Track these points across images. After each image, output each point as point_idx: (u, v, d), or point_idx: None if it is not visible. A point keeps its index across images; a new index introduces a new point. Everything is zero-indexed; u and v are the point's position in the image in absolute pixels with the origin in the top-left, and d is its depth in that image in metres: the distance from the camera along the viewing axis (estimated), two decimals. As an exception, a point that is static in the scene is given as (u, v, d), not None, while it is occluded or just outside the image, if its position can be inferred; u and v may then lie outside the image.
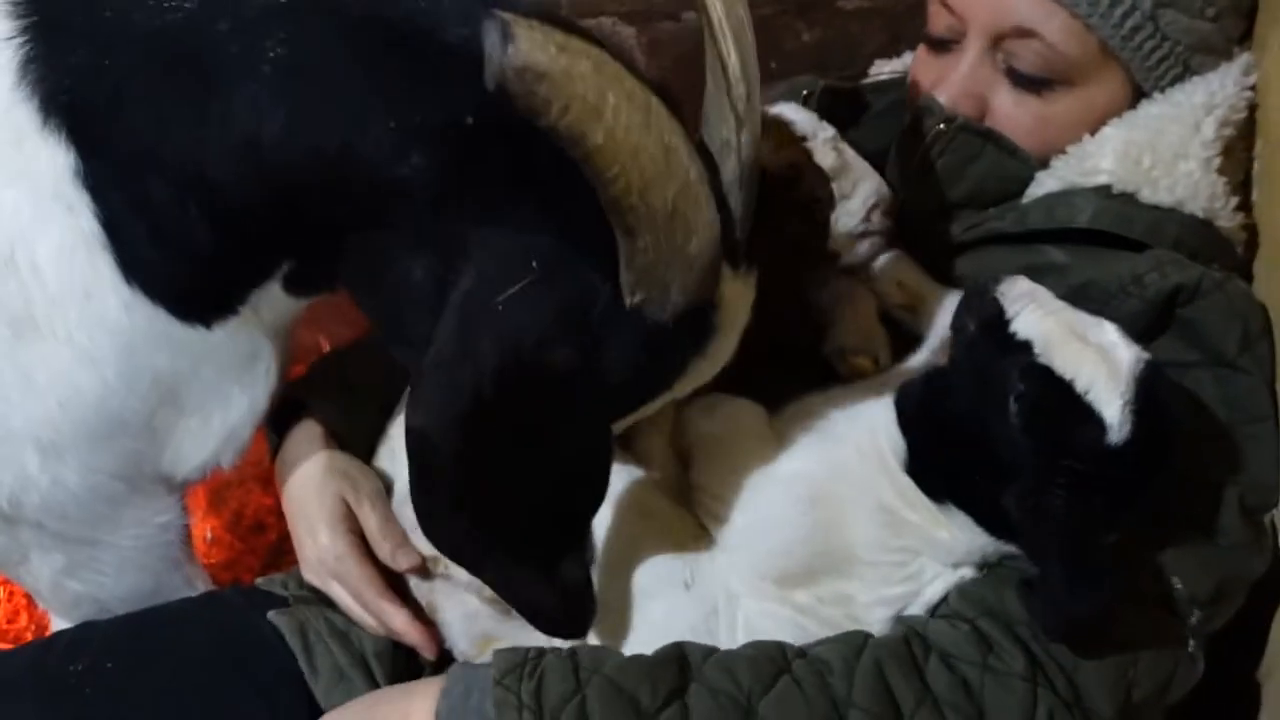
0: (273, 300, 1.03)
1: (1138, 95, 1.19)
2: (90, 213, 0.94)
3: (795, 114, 1.25)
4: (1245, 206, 1.19)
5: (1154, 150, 1.13)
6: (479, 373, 0.86)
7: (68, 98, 0.92)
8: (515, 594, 0.98)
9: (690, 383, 1.00)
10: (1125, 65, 1.17)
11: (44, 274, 0.95)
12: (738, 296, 0.95)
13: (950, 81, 1.20)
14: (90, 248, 0.95)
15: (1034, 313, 0.93)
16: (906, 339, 1.18)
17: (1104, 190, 1.13)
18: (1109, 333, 0.92)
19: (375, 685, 1.11)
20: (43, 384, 0.98)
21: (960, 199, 1.22)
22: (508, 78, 0.69)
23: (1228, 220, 1.15)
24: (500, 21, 0.69)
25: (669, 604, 1.04)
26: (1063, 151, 1.19)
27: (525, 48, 0.69)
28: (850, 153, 1.25)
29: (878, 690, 0.93)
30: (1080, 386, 0.89)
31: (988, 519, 0.96)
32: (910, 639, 0.97)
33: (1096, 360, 0.89)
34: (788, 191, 1.18)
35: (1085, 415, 0.88)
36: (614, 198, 0.78)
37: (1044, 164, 1.20)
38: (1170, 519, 0.99)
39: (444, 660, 1.13)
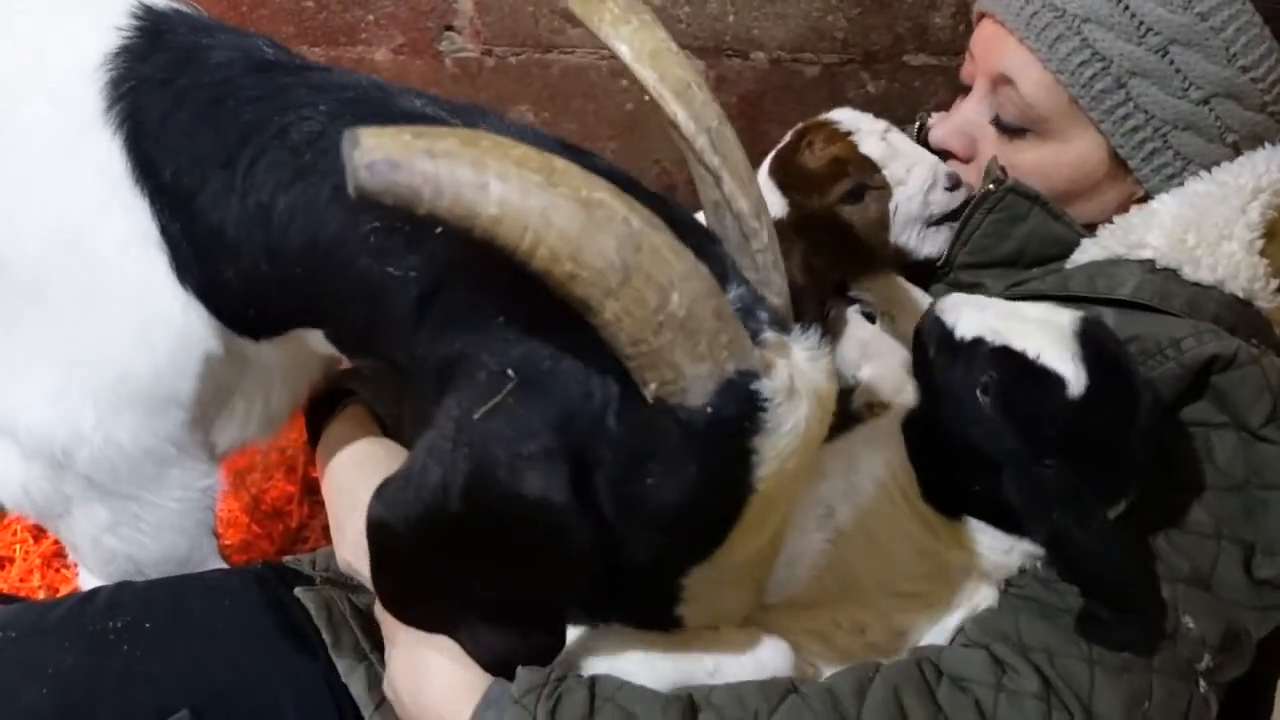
0: (319, 339, 1.03)
1: (1114, 159, 1.23)
2: (147, 215, 0.97)
3: (842, 114, 1.28)
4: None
5: (1199, 229, 1.15)
6: (447, 486, 0.81)
7: (130, 96, 0.96)
8: (485, 655, 0.95)
9: (775, 478, 0.82)
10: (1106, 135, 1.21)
11: (107, 263, 0.98)
12: (800, 362, 0.82)
13: (948, 118, 1.28)
14: (146, 246, 0.97)
15: (970, 312, 0.99)
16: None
17: (1148, 264, 1.16)
18: (1039, 308, 0.99)
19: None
20: (102, 356, 1.01)
21: (1004, 257, 1.26)
22: (361, 178, 0.65)
23: (1267, 301, 1.16)
24: (350, 134, 0.65)
25: None
26: (1109, 221, 1.22)
27: (372, 143, 0.65)
28: (900, 139, 1.26)
29: (889, 710, 0.94)
30: (1031, 354, 0.95)
31: (1000, 519, 1.01)
32: (922, 664, 0.99)
33: (1038, 329, 0.96)
34: (835, 184, 1.22)
35: (1045, 379, 0.95)
36: (545, 270, 0.69)
37: (1090, 230, 1.24)
38: (1174, 539, 1.03)
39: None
